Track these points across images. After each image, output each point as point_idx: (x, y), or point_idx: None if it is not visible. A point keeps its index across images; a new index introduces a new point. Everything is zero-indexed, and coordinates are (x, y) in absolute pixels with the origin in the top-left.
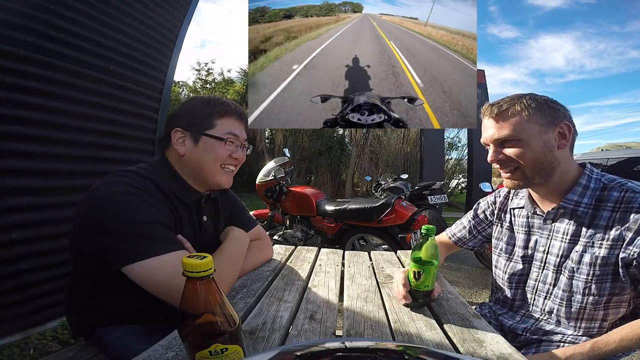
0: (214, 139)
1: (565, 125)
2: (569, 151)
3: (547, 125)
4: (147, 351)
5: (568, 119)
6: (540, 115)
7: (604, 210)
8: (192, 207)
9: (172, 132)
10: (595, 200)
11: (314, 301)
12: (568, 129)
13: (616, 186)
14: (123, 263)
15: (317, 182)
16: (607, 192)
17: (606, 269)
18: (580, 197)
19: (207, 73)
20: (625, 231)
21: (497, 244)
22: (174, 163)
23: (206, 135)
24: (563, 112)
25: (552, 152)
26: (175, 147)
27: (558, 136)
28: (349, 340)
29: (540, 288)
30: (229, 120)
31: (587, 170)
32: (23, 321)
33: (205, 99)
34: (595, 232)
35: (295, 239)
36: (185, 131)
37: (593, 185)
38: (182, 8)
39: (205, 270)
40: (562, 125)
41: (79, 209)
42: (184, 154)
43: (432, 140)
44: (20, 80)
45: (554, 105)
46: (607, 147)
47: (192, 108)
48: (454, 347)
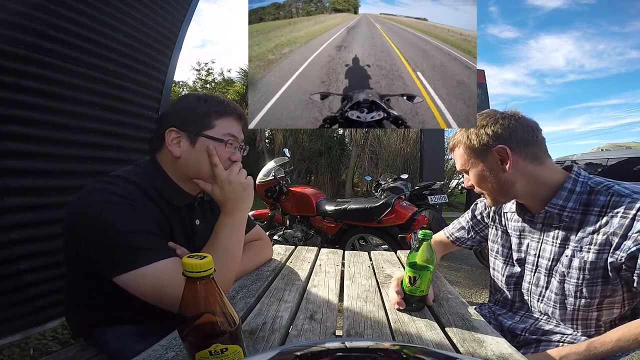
0: (213, 140)
1: (500, 148)
2: (527, 166)
3: (478, 157)
4: (147, 351)
5: (505, 140)
6: (469, 150)
7: (591, 215)
8: (183, 211)
9: (166, 132)
10: (581, 205)
11: (314, 301)
12: (504, 151)
13: (602, 190)
14: (110, 275)
15: (317, 182)
16: (593, 195)
17: (596, 273)
18: (566, 201)
19: (207, 73)
20: (612, 236)
21: (493, 246)
22: (165, 165)
23: (204, 136)
24: (495, 136)
25: (499, 176)
26: (170, 149)
27: (499, 161)
28: (349, 340)
29: (534, 290)
30: (228, 120)
31: (573, 173)
32: (23, 321)
33: (202, 97)
34: (583, 236)
35: (295, 239)
36: (181, 131)
37: (579, 189)
38: (182, 8)
39: (205, 270)
40: (497, 149)
41: (67, 214)
42: (180, 156)
43: (432, 140)
44: (20, 80)
45: (483, 133)
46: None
47: (187, 106)
48: (454, 347)
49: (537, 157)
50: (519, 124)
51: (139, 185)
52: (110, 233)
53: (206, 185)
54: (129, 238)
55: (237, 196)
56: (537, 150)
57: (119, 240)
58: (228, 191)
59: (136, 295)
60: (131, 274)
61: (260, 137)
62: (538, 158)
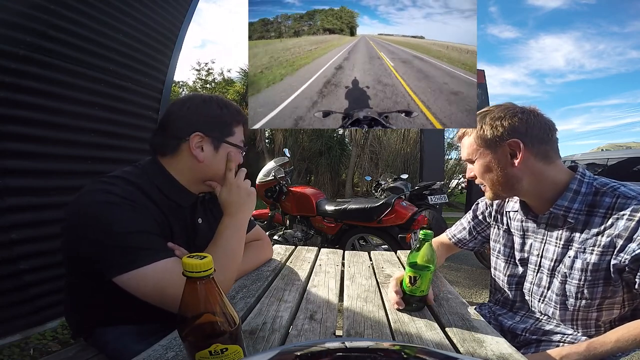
0: (234, 146)
1: (513, 142)
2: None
3: (490, 147)
4: (147, 351)
5: (519, 134)
6: (481, 140)
7: (595, 216)
8: (185, 210)
9: (192, 136)
10: (586, 206)
11: (314, 301)
12: (517, 145)
13: (608, 191)
14: (109, 275)
15: (317, 182)
16: (599, 197)
17: (597, 274)
18: (571, 202)
19: (207, 73)
20: (616, 238)
21: (495, 246)
22: (174, 167)
23: (227, 143)
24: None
25: (506, 170)
26: (194, 153)
27: (509, 155)
28: (349, 340)
29: (535, 291)
30: (241, 128)
31: (579, 174)
32: (23, 321)
33: (222, 104)
34: (587, 238)
35: (295, 239)
36: (206, 136)
37: (584, 189)
38: (182, 8)
39: (205, 270)
40: (510, 143)
41: (65, 214)
42: (203, 160)
43: (432, 140)
44: (20, 80)
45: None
46: (607, 147)
47: (212, 113)
48: (454, 347)
49: (548, 156)
50: (537, 121)
51: (138, 185)
52: (110, 233)
53: (217, 186)
54: (129, 238)
55: (242, 200)
56: (549, 149)
57: (118, 241)
58: (235, 194)
59: (136, 295)
60: (131, 274)
61: (260, 137)
62: (549, 157)
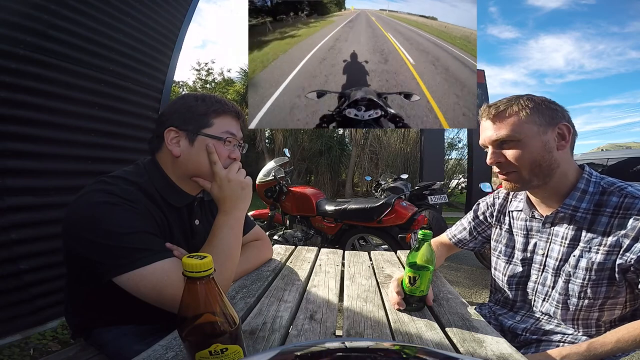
0: (211, 138)
1: (565, 125)
2: (569, 152)
3: (545, 126)
4: (147, 351)
5: (567, 120)
6: (538, 116)
7: (602, 216)
8: (183, 211)
9: (165, 131)
10: (594, 205)
11: (314, 301)
12: (567, 129)
13: (615, 191)
14: (108, 275)
15: (317, 182)
16: (606, 196)
17: (602, 274)
18: (579, 202)
19: (207, 73)
20: (623, 238)
21: (496, 246)
22: (165, 165)
23: (203, 135)
24: (561, 112)
25: (551, 154)
26: (169, 148)
27: (557, 137)
28: (348, 340)
29: (540, 290)
30: (226, 118)
31: (586, 173)
32: (23, 321)
33: (199, 97)
34: (593, 237)
35: (295, 239)
36: (180, 130)
37: (592, 189)
38: (182, 8)
39: (205, 270)
40: (561, 125)
41: (66, 215)
42: (179, 155)
43: (432, 140)
44: (20, 80)
45: (552, 105)
46: (607, 147)
47: (186, 106)
48: (454, 347)
49: (572, 149)
50: None
51: (139, 185)
52: (109, 234)
53: (205, 183)
54: (129, 239)
55: (236, 195)
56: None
57: (118, 241)
58: (227, 189)
59: (136, 295)
60: (131, 274)
61: (260, 137)
62: (572, 151)
